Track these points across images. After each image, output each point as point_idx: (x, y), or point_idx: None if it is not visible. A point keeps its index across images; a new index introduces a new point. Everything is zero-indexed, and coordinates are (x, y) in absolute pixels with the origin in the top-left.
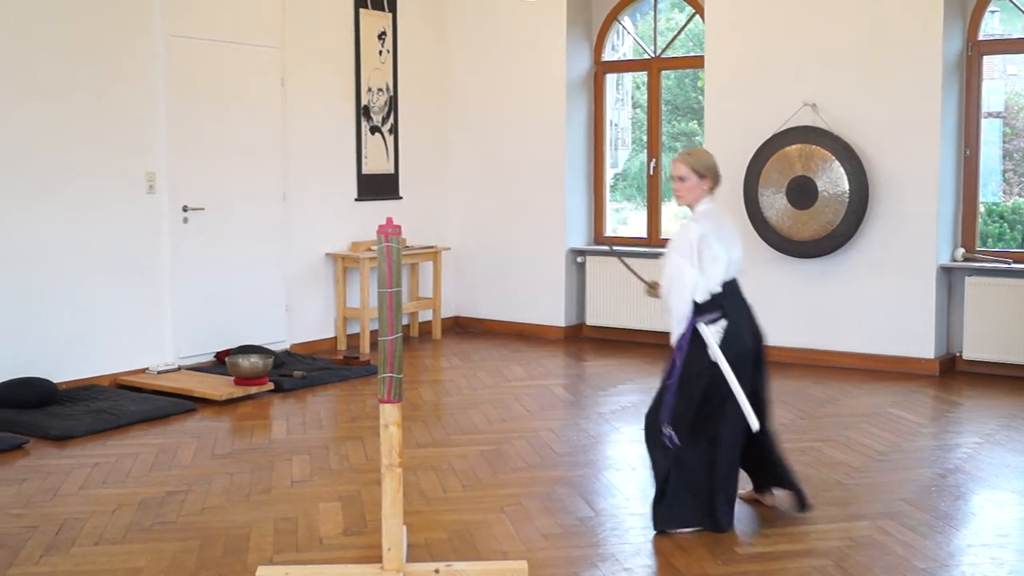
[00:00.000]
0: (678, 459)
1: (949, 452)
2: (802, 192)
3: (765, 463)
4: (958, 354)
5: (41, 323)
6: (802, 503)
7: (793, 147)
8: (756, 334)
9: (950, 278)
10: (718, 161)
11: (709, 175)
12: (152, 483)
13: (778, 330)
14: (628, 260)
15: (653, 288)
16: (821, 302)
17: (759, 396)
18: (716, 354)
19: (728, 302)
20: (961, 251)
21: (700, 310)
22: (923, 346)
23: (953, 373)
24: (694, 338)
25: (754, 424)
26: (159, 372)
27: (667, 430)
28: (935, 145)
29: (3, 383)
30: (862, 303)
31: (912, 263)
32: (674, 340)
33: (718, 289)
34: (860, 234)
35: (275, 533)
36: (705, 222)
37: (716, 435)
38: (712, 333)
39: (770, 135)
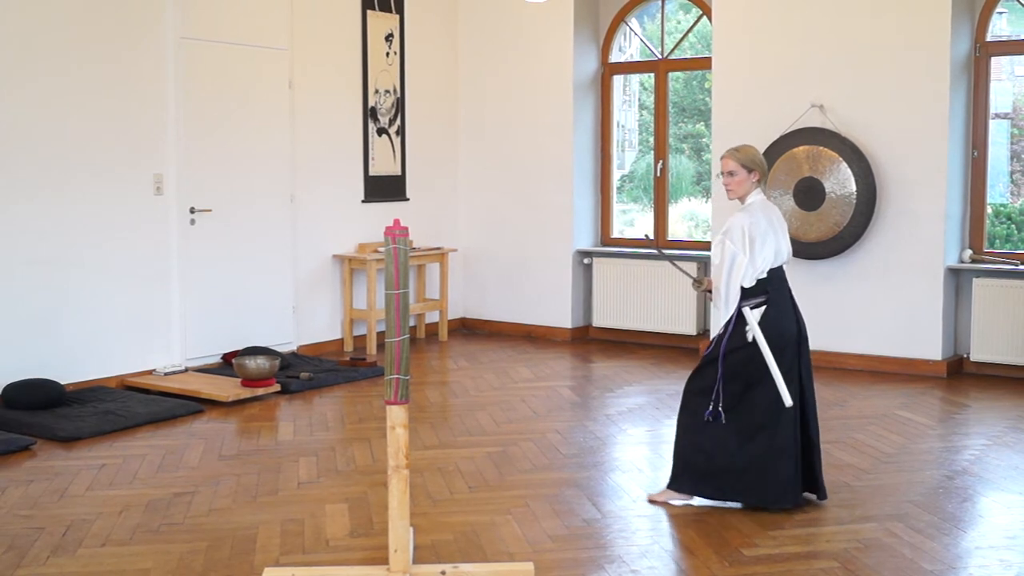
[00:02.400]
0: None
1: (957, 454)
2: (809, 193)
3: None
4: (966, 356)
5: (48, 325)
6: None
7: (800, 148)
8: (798, 321)
9: (958, 279)
10: (717, 161)
11: (757, 169)
12: (159, 484)
13: None
14: (675, 261)
15: (700, 282)
16: (828, 303)
17: (804, 384)
18: (757, 333)
19: (773, 288)
20: (969, 252)
21: (746, 295)
22: (931, 348)
23: (961, 375)
24: (739, 321)
25: (787, 400)
26: (166, 373)
27: (720, 408)
28: (943, 146)
29: (11, 384)
30: (869, 304)
31: (919, 264)
32: (722, 323)
33: (764, 276)
34: (867, 235)
35: (282, 535)
36: (757, 213)
37: (765, 415)
38: (754, 316)
39: (777, 136)
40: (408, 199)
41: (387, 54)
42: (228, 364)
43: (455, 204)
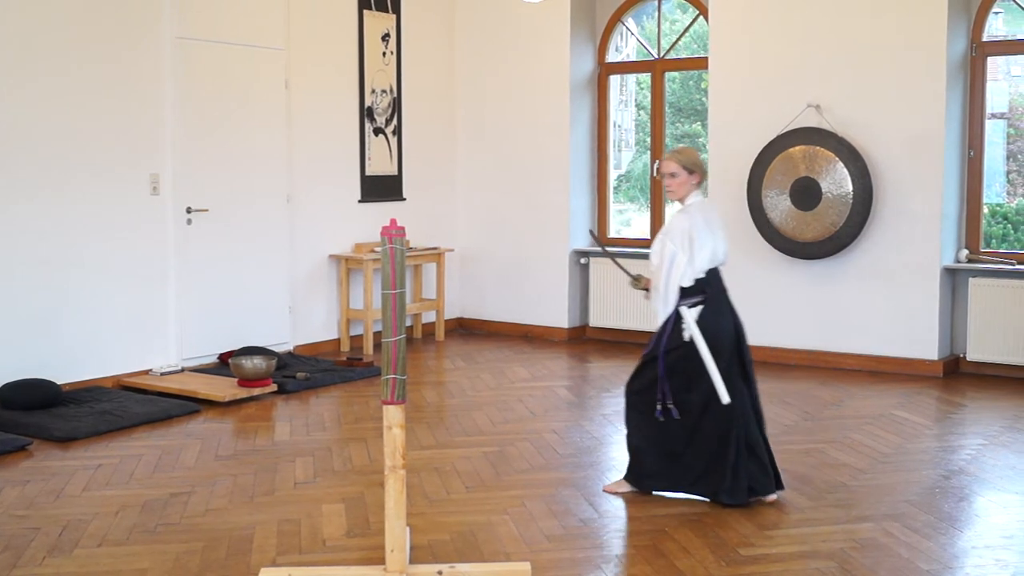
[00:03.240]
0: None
1: (953, 454)
2: (806, 193)
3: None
4: (962, 355)
5: (45, 324)
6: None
7: (797, 148)
8: (735, 320)
9: (954, 279)
10: (717, 162)
11: (698, 171)
12: (156, 485)
13: (782, 331)
14: (614, 257)
15: (638, 280)
16: (825, 304)
17: (749, 381)
18: (695, 332)
19: (710, 288)
20: (965, 252)
21: (684, 294)
22: (927, 347)
23: (957, 374)
24: (677, 320)
25: (724, 397)
26: (162, 374)
27: (669, 405)
28: (939, 146)
29: (7, 384)
30: (866, 304)
31: (916, 264)
32: (660, 322)
33: (702, 275)
34: (864, 235)
35: (279, 535)
36: (696, 214)
37: (706, 411)
38: (691, 315)
39: (774, 136)
40: (405, 199)
41: (384, 54)
42: (225, 364)
43: (452, 204)
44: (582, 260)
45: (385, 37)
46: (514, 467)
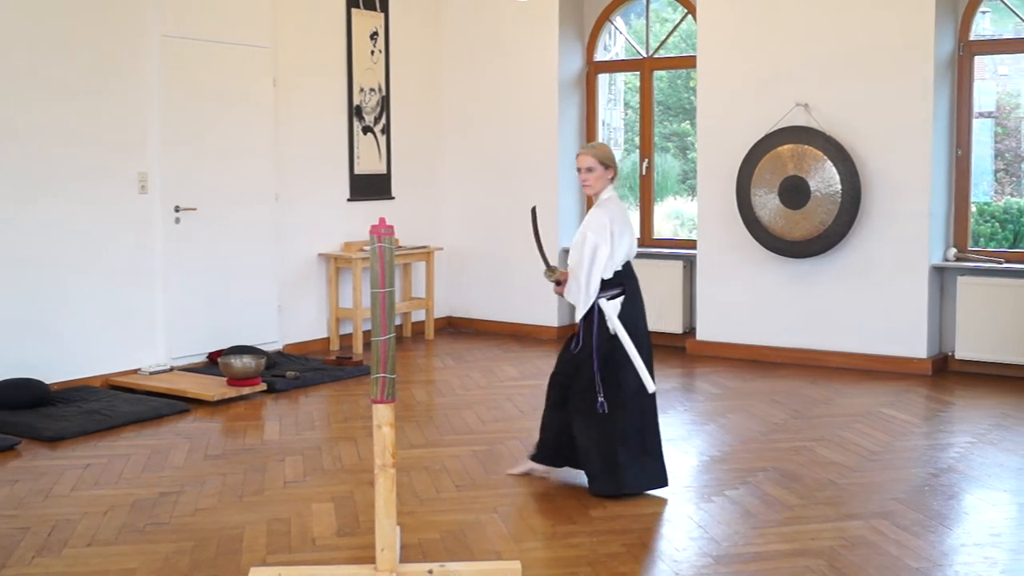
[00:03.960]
0: (613, 427)
1: (942, 452)
2: (795, 192)
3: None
4: (950, 354)
5: (33, 324)
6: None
7: (785, 147)
8: (644, 310)
9: (942, 278)
10: (706, 161)
11: (612, 166)
12: (145, 484)
13: (771, 330)
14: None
15: (553, 272)
16: (814, 302)
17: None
18: (617, 325)
19: (627, 280)
20: (953, 251)
21: (603, 287)
22: (915, 346)
23: (945, 373)
24: (601, 313)
25: (651, 386)
26: (151, 373)
27: (600, 398)
28: (927, 145)
29: None
30: (855, 303)
31: (904, 263)
32: (580, 315)
33: (620, 268)
34: (852, 234)
35: (268, 534)
36: (613, 208)
37: (629, 401)
38: (613, 307)
39: (762, 135)
40: (394, 198)
41: (372, 52)
42: (214, 363)
43: (441, 203)
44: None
45: (373, 35)
46: (504, 466)
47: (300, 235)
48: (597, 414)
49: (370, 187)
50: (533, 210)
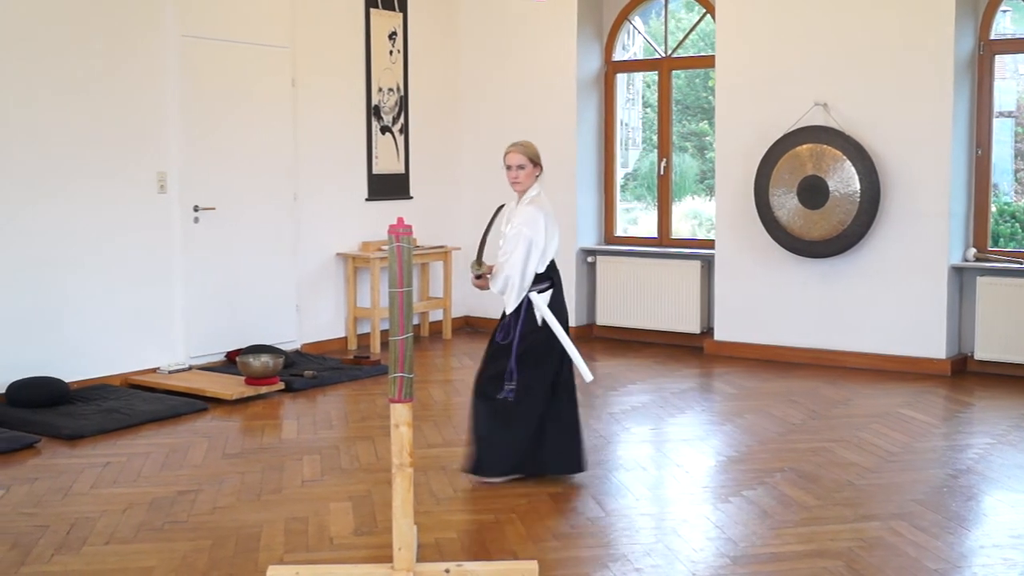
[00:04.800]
0: (513, 416)
1: (961, 453)
2: (813, 192)
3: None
4: (969, 354)
5: (53, 323)
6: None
7: (804, 147)
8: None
9: (961, 278)
10: (724, 160)
11: (539, 163)
12: (163, 483)
13: (789, 330)
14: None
15: (481, 265)
16: (832, 302)
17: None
18: (548, 316)
19: (554, 274)
20: (973, 251)
21: (533, 280)
22: (934, 346)
23: (964, 373)
24: (529, 306)
25: (588, 375)
26: (170, 372)
27: (509, 386)
28: (947, 145)
29: (15, 383)
30: (873, 303)
31: (923, 263)
32: (512, 307)
33: (548, 262)
34: (871, 234)
35: (286, 533)
36: (545, 205)
37: (561, 389)
38: (543, 300)
39: (781, 135)
40: (412, 197)
41: (390, 52)
42: (232, 362)
43: (459, 202)
44: (589, 259)
45: (392, 35)
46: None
47: (318, 235)
48: (501, 401)
49: (388, 187)
50: (500, 208)
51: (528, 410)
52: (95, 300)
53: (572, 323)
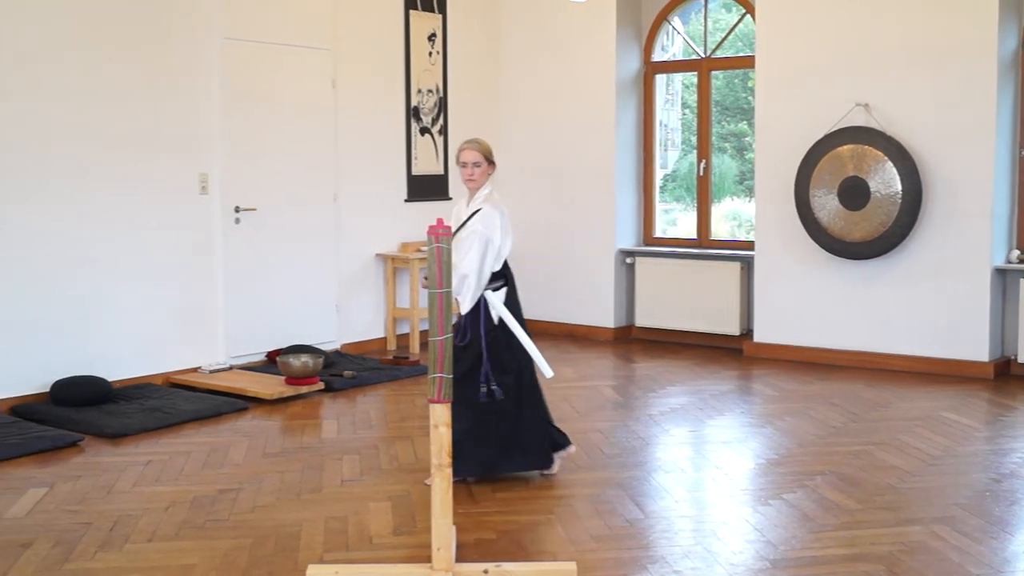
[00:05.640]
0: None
1: (1004, 456)
2: (854, 193)
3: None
4: (1013, 357)
5: (96, 322)
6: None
7: (845, 148)
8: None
9: (1005, 280)
10: (764, 161)
11: (494, 161)
12: (204, 481)
13: (830, 332)
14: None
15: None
16: (873, 304)
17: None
18: (504, 313)
19: (507, 272)
20: (1016, 253)
21: (495, 279)
22: (977, 349)
23: (1008, 376)
24: (485, 304)
25: (548, 372)
26: (211, 371)
27: (493, 386)
28: (990, 145)
29: (59, 381)
30: (915, 305)
31: (966, 265)
32: (468, 307)
33: (503, 261)
34: (913, 235)
35: (325, 532)
36: (500, 203)
37: (526, 386)
38: (498, 298)
39: (822, 136)
40: (451, 198)
41: (430, 54)
42: (272, 362)
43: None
44: (628, 260)
45: (431, 37)
46: (560, 467)
47: (358, 235)
48: (476, 401)
49: (427, 188)
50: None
51: (499, 408)
52: (138, 300)
53: (611, 324)
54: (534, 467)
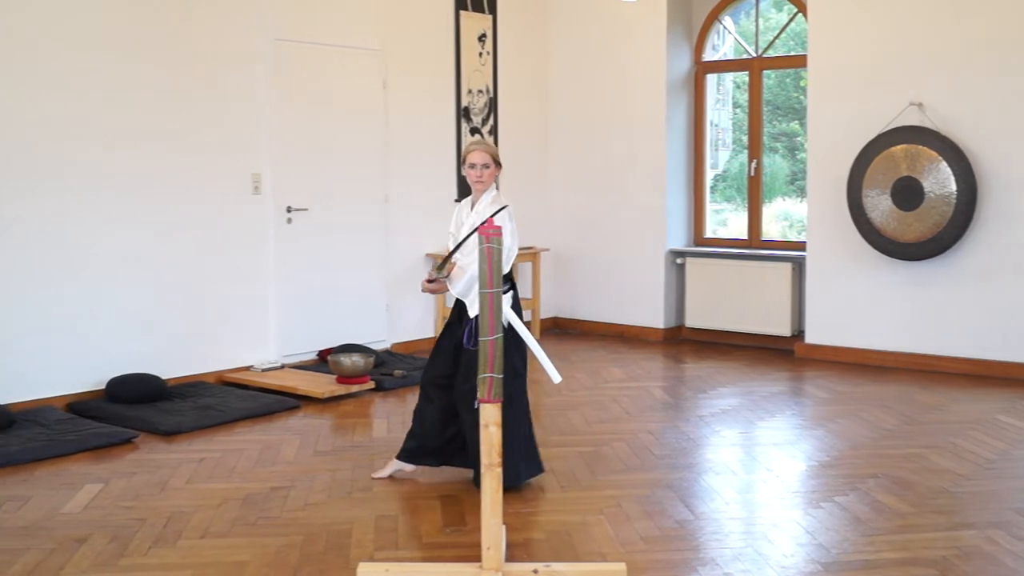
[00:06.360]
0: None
1: None
2: (908, 193)
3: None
4: None
5: (151, 321)
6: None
7: (898, 147)
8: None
9: None
10: (816, 161)
11: (499, 163)
12: (256, 479)
13: (883, 334)
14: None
15: (442, 269)
16: (927, 305)
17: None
18: (512, 317)
19: (511, 275)
20: None
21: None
22: None
23: None
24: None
25: (556, 377)
26: (263, 370)
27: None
28: None
29: (114, 379)
30: (969, 307)
31: (1022, 265)
32: (477, 310)
33: (511, 264)
34: (968, 236)
35: (376, 530)
36: (506, 203)
37: (522, 394)
38: (506, 301)
39: (875, 135)
40: None
41: (480, 54)
42: (323, 361)
43: (547, 203)
44: (678, 260)
45: (481, 37)
46: (609, 467)
47: (408, 235)
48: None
49: None
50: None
51: (522, 408)
52: (191, 299)
53: (661, 324)
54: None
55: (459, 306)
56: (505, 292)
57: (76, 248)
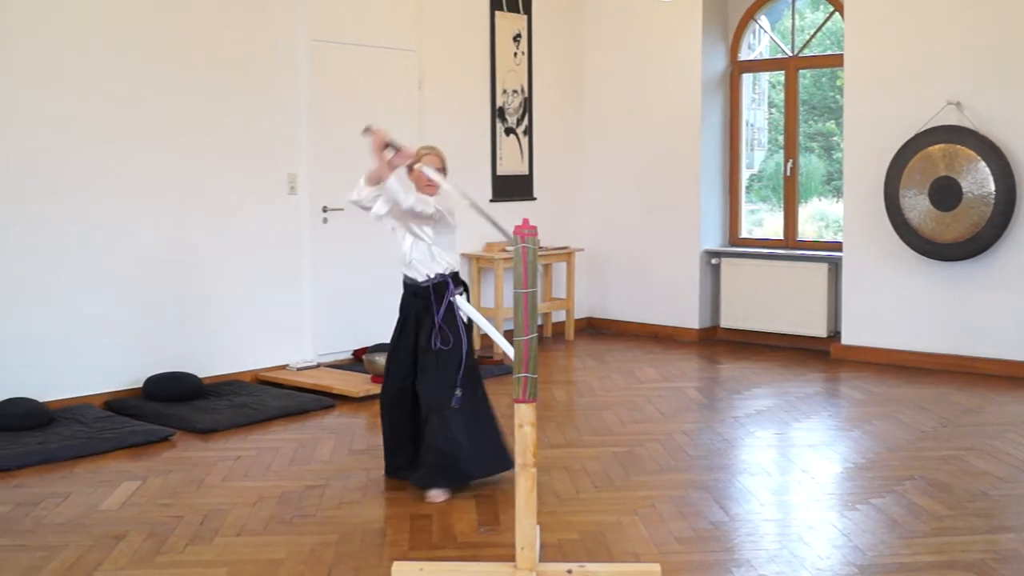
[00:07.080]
0: (472, 415)
1: None
2: (946, 193)
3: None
4: None
5: (187, 320)
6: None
7: (936, 147)
8: None
9: None
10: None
11: (447, 170)
12: (292, 477)
13: (920, 335)
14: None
15: (370, 130)
16: (964, 306)
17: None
18: (473, 314)
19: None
20: None
21: (456, 283)
22: None
23: None
24: (456, 309)
25: (510, 351)
26: (299, 369)
27: (458, 392)
28: None
29: (151, 377)
30: (1008, 308)
31: None
32: (375, 206)
33: (456, 268)
34: (1007, 236)
35: (411, 529)
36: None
37: (482, 390)
38: (463, 302)
39: (912, 135)
40: (535, 198)
41: (515, 54)
42: (358, 360)
43: (582, 203)
44: (713, 260)
45: (516, 38)
46: (644, 468)
47: None
48: (453, 408)
49: (512, 188)
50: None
51: (487, 407)
52: (228, 298)
53: (695, 325)
54: (499, 471)
55: (407, 304)
56: (462, 294)
57: (115, 247)
